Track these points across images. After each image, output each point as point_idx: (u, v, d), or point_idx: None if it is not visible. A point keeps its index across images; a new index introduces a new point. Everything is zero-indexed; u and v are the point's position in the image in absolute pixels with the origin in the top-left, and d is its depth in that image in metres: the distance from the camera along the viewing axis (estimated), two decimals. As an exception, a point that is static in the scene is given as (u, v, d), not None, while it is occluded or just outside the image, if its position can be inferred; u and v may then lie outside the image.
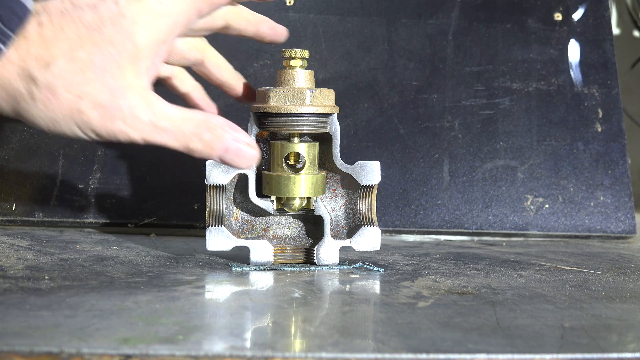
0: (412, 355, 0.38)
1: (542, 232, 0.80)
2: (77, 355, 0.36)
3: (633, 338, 0.43)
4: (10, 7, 0.45)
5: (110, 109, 0.46)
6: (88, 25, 0.47)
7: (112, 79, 0.47)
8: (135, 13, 0.47)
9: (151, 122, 0.47)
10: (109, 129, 0.47)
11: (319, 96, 0.57)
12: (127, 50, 0.47)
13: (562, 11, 0.87)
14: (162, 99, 0.48)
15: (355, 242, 0.60)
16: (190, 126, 0.48)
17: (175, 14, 0.49)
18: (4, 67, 0.45)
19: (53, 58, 0.46)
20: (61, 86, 0.46)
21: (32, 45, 0.46)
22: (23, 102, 0.46)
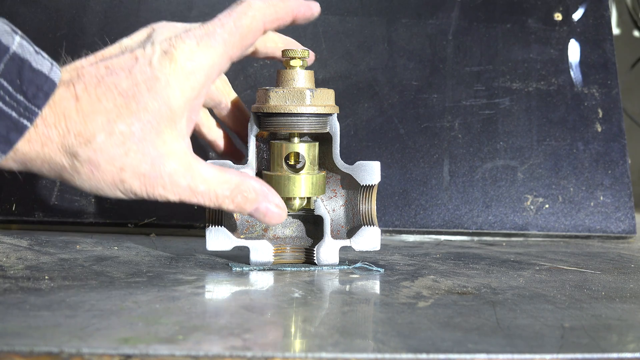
0: (412, 355, 0.38)
1: (542, 232, 0.80)
2: (77, 355, 0.36)
3: (633, 338, 0.43)
4: (36, 83, 0.45)
5: (151, 178, 0.48)
6: (124, 93, 0.47)
7: (152, 147, 0.48)
8: (169, 75, 0.48)
9: (189, 187, 0.49)
10: (149, 193, 0.49)
11: (319, 96, 0.57)
12: (164, 115, 0.48)
13: (562, 11, 0.87)
14: (199, 160, 0.50)
15: (355, 242, 0.60)
16: (225, 189, 0.51)
17: (208, 67, 0.49)
18: (45, 144, 0.46)
19: (93, 134, 0.46)
20: (103, 160, 0.47)
21: (71, 122, 0.46)
22: (66, 174, 0.48)
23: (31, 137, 0.46)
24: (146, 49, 0.49)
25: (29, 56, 0.45)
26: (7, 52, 0.44)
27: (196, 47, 0.49)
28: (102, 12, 0.83)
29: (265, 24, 0.52)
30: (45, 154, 0.47)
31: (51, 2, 0.83)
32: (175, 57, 0.48)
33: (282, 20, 0.53)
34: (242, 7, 0.52)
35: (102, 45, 0.52)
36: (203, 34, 0.50)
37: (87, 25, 0.82)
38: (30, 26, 0.82)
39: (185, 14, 0.83)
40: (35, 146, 0.46)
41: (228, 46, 0.50)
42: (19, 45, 0.45)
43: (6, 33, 0.45)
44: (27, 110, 0.45)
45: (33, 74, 0.45)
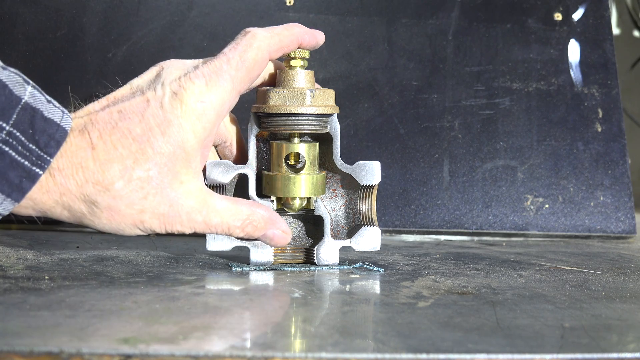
0: (412, 355, 0.38)
1: (542, 232, 0.80)
2: (77, 355, 0.36)
3: (633, 338, 0.43)
4: (48, 132, 0.46)
5: (169, 217, 0.50)
6: (139, 139, 0.48)
7: (170, 188, 0.50)
8: (180, 117, 0.49)
9: (204, 221, 0.52)
10: (167, 229, 0.51)
11: (319, 96, 0.57)
12: (179, 157, 0.49)
13: (562, 11, 0.87)
14: (212, 194, 0.52)
15: (355, 242, 0.60)
16: (236, 221, 0.53)
17: (218, 107, 0.51)
18: (63, 194, 0.47)
19: (111, 182, 0.48)
20: (123, 205, 0.48)
21: (88, 171, 0.47)
22: (87, 220, 0.49)
23: (49, 188, 0.47)
24: (157, 91, 0.50)
25: (40, 105, 0.46)
26: (19, 102, 0.45)
27: (205, 87, 0.50)
28: (102, 12, 0.83)
29: (270, 53, 0.54)
30: (64, 202, 0.48)
31: (51, 2, 0.83)
32: (185, 99, 0.49)
33: (286, 48, 0.55)
34: (247, 39, 0.53)
35: (113, 87, 0.53)
36: (211, 72, 0.51)
37: (87, 25, 0.82)
38: (30, 26, 0.82)
39: (185, 14, 0.83)
40: (54, 196, 0.47)
41: (236, 82, 0.51)
42: (30, 95, 0.46)
43: (18, 84, 0.46)
44: (39, 159, 0.46)
45: (45, 123, 0.46)
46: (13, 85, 0.45)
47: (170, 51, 0.82)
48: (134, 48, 0.82)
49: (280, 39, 0.54)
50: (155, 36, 0.83)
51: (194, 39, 0.83)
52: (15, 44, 0.82)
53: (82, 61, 0.82)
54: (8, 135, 0.45)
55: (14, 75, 0.46)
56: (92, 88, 0.81)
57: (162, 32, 0.83)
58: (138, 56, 0.82)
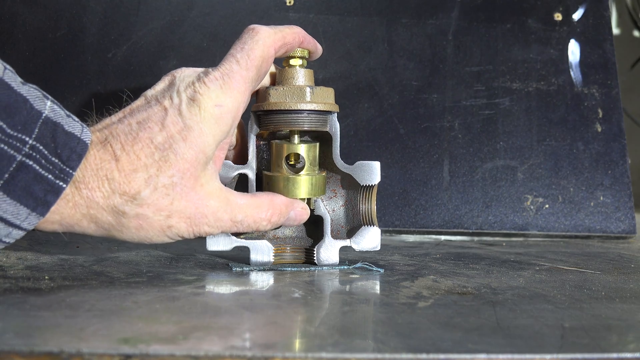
0: (412, 355, 0.38)
1: (542, 232, 0.80)
2: (77, 355, 0.36)
3: (633, 338, 0.43)
4: (70, 146, 0.46)
5: (196, 219, 0.51)
6: (161, 147, 0.49)
7: (194, 191, 0.50)
8: (200, 123, 0.50)
9: (230, 219, 0.52)
10: (195, 232, 0.52)
11: (319, 93, 0.57)
12: (200, 161, 0.50)
13: (562, 11, 0.87)
14: (232, 191, 0.53)
15: (356, 242, 0.60)
16: (260, 213, 0.54)
17: (234, 109, 0.51)
18: (90, 207, 0.48)
19: (138, 191, 0.48)
20: (150, 212, 0.49)
21: (114, 183, 0.48)
22: (115, 231, 0.50)
23: (76, 202, 0.47)
24: (173, 99, 0.50)
25: (60, 119, 0.47)
26: (40, 116, 0.46)
27: (220, 90, 0.51)
28: (102, 12, 0.83)
29: (275, 49, 0.54)
30: (91, 215, 0.48)
31: (51, 2, 0.83)
32: (203, 104, 0.50)
33: (289, 45, 0.56)
34: (251, 36, 0.53)
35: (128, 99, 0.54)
36: (223, 74, 0.51)
37: (87, 25, 0.82)
38: (30, 26, 0.82)
39: (185, 14, 0.83)
40: (81, 209, 0.48)
41: (248, 82, 0.52)
42: (50, 110, 0.46)
43: (38, 98, 0.46)
44: (62, 173, 0.46)
45: (66, 137, 0.46)
46: (33, 100, 0.46)
47: (170, 51, 0.82)
48: (134, 48, 0.82)
49: (283, 35, 0.55)
50: (155, 36, 0.83)
51: (194, 39, 0.83)
52: (15, 44, 0.82)
53: (82, 61, 0.82)
54: (31, 149, 0.45)
55: (33, 90, 0.46)
56: (92, 88, 0.81)
57: (162, 32, 0.83)
58: (138, 56, 0.82)
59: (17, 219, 0.45)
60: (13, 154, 0.44)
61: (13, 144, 0.44)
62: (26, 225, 0.46)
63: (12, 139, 0.44)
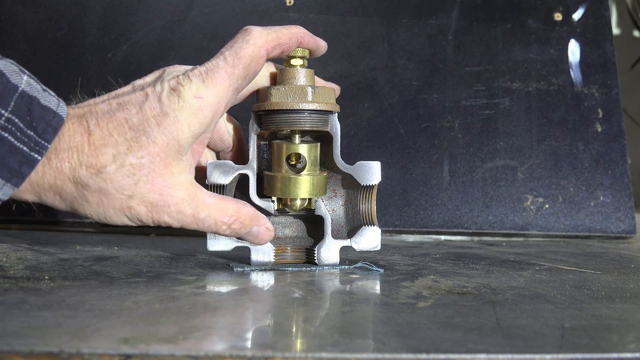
0: (412, 355, 0.38)
1: (542, 232, 0.80)
2: (77, 355, 0.36)
3: (633, 338, 0.43)
4: (45, 119, 0.47)
5: (158, 206, 0.51)
6: (135, 128, 0.50)
7: (161, 178, 0.50)
8: (177, 111, 0.50)
9: (192, 215, 0.52)
10: (155, 219, 0.52)
11: (320, 93, 0.57)
12: (172, 149, 0.50)
13: (562, 11, 0.87)
14: (202, 189, 0.53)
15: (356, 242, 0.60)
16: (223, 217, 0.53)
17: (215, 103, 0.52)
18: (57, 177, 0.49)
19: (103, 165, 0.49)
20: (112, 189, 0.49)
21: (83, 155, 0.49)
22: (76, 204, 0.50)
23: (45, 172, 0.48)
24: (156, 87, 0.51)
25: (37, 94, 0.48)
26: (16, 90, 0.47)
27: (202, 84, 0.51)
28: (102, 12, 0.83)
29: (267, 50, 0.54)
30: (57, 186, 0.49)
31: (51, 2, 0.83)
32: (182, 94, 0.51)
33: (285, 46, 0.56)
34: (243, 36, 0.54)
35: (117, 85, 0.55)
36: (208, 69, 0.52)
37: (87, 25, 0.82)
38: (30, 26, 0.82)
39: (185, 14, 0.83)
40: (49, 179, 0.49)
41: (233, 79, 0.52)
42: (27, 84, 0.47)
43: (15, 73, 0.47)
44: (37, 145, 0.47)
45: (42, 110, 0.47)
46: (10, 74, 0.47)
47: (170, 51, 0.82)
48: (134, 48, 0.82)
49: (277, 35, 0.55)
50: (155, 36, 0.83)
51: (194, 39, 0.83)
52: (15, 44, 0.82)
53: (82, 61, 0.82)
54: (7, 121, 0.46)
55: (10, 65, 0.47)
56: (92, 88, 0.81)
57: (162, 32, 0.83)
58: (138, 56, 0.82)
59: None
60: None
61: None
62: (0, 195, 0.47)
63: None
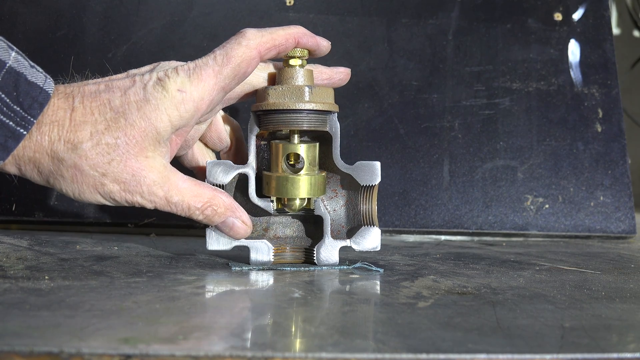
0: (412, 355, 0.38)
1: (542, 232, 0.80)
2: (77, 355, 0.36)
3: (633, 338, 0.43)
4: (31, 95, 0.49)
5: (130, 185, 0.52)
6: (116, 109, 0.51)
7: (135, 159, 0.52)
8: (159, 100, 0.52)
9: (165, 197, 0.53)
10: (128, 200, 0.53)
11: (317, 93, 0.57)
12: (149, 134, 0.52)
13: (562, 11, 0.87)
14: (177, 173, 0.54)
15: (356, 242, 0.60)
16: (196, 202, 0.54)
17: (198, 99, 0.53)
18: (37, 150, 0.50)
19: (80, 141, 0.50)
20: (86, 165, 0.51)
21: (63, 130, 0.50)
22: (52, 178, 0.52)
23: (26, 144, 0.50)
24: (144, 76, 0.53)
25: (24, 70, 0.49)
26: (4, 66, 0.48)
27: (187, 79, 0.52)
28: (102, 12, 0.83)
29: (260, 52, 0.54)
30: (36, 159, 0.50)
31: (51, 2, 0.83)
32: (167, 85, 0.52)
33: (281, 47, 0.56)
34: (236, 37, 0.54)
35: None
36: (196, 66, 0.53)
37: (87, 25, 0.82)
38: (30, 26, 0.82)
39: (185, 14, 0.83)
40: (28, 152, 0.50)
41: (220, 78, 0.53)
42: (14, 60, 0.49)
43: (2, 49, 0.49)
44: (23, 120, 0.48)
45: (28, 86, 0.49)
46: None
47: (170, 51, 0.82)
48: (134, 48, 0.82)
49: (272, 37, 0.55)
50: (155, 36, 0.83)
51: (194, 39, 0.83)
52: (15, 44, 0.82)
53: (82, 61, 0.82)
54: None
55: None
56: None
57: (162, 32, 0.83)
58: (138, 56, 0.82)
59: None
60: None
61: None
62: None
63: None
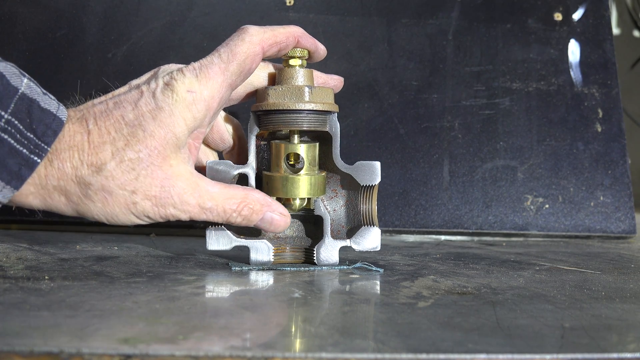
0: (412, 355, 0.38)
1: (542, 232, 0.80)
2: (77, 355, 0.36)
3: (633, 338, 0.43)
4: (45, 122, 0.48)
5: (162, 199, 0.51)
6: (131, 123, 0.50)
7: (160, 170, 0.51)
8: (171, 105, 0.51)
9: (198, 204, 0.52)
10: (162, 214, 0.52)
11: (317, 93, 0.57)
12: (169, 142, 0.51)
13: (562, 11, 0.87)
14: (205, 178, 0.53)
15: (356, 242, 0.60)
16: (231, 204, 0.54)
17: (208, 98, 0.52)
18: (60, 178, 0.49)
19: (103, 162, 0.49)
20: (115, 185, 0.50)
21: (83, 154, 0.49)
22: (82, 205, 0.50)
23: (48, 173, 0.49)
24: (150, 84, 0.52)
25: (37, 96, 0.48)
26: (16, 93, 0.47)
27: (195, 79, 0.52)
28: (102, 12, 0.83)
29: (263, 48, 0.55)
30: (61, 187, 0.49)
31: (51, 2, 0.83)
32: (176, 88, 0.51)
33: (282, 44, 0.56)
34: (238, 33, 0.54)
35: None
36: (202, 65, 0.53)
37: (87, 25, 0.82)
38: (30, 26, 0.82)
39: (185, 14, 0.83)
40: (52, 181, 0.49)
41: (227, 75, 0.53)
42: (27, 87, 0.48)
43: (15, 75, 0.47)
44: (37, 148, 0.47)
45: (42, 113, 0.48)
46: (10, 76, 0.47)
47: (170, 51, 0.82)
48: (134, 48, 0.82)
49: (274, 34, 0.55)
50: (155, 36, 0.83)
51: (194, 39, 0.83)
52: (15, 44, 0.82)
53: (82, 61, 0.82)
54: (7, 123, 0.46)
55: (10, 67, 0.47)
56: (92, 88, 0.81)
57: (162, 32, 0.83)
58: (138, 56, 0.82)
59: None
60: None
61: None
62: (0, 197, 0.47)
63: None
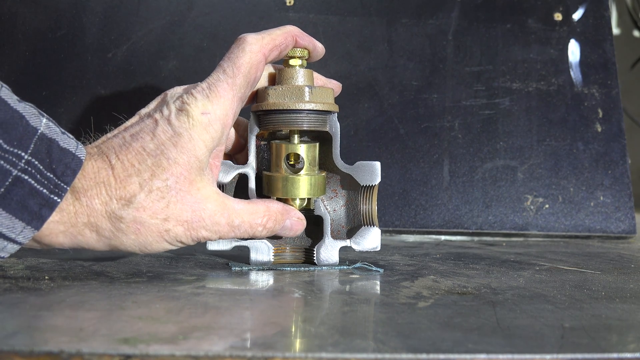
0: (412, 355, 0.38)
1: (542, 232, 0.80)
2: (77, 355, 0.36)
3: (633, 338, 0.43)
4: (64, 162, 0.48)
5: (193, 222, 0.51)
6: (153, 154, 0.50)
7: (189, 195, 0.51)
8: (189, 129, 0.51)
9: (227, 224, 0.53)
10: (194, 237, 0.52)
11: (317, 93, 0.57)
12: (193, 165, 0.51)
13: (562, 11, 0.87)
14: (230, 197, 0.54)
15: (356, 242, 0.60)
16: (256, 219, 0.55)
17: (222, 116, 0.53)
18: (90, 214, 0.49)
19: (133, 195, 0.49)
20: (146, 215, 0.50)
21: (111, 189, 0.49)
22: (114, 239, 0.50)
23: (77, 210, 0.49)
24: (163, 112, 0.52)
25: (55, 136, 0.48)
26: (36, 133, 0.47)
27: (207, 100, 0.52)
28: (102, 12, 0.83)
29: (265, 54, 0.55)
30: (92, 223, 0.49)
31: (51, 2, 0.83)
32: (190, 112, 0.52)
33: (281, 46, 0.56)
34: (238, 44, 0.54)
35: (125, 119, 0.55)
36: (210, 85, 0.53)
37: (87, 25, 0.82)
38: (30, 26, 0.82)
39: (185, 14, 0.83)
40: (82, 218, 0.49)
41: (235, 89, 0.53)
42: (46, 127, 0.48)
43: (34, 115, 0.47)
44: (57, 187, 0.47)
45: (61, 152, 0.48)
46: (29, 117, 0.47)
47: (170, 51, 0.82)
48: (134, 48, 0.82)
49: (272, 37, 0.55)
50: (155, 36, 0.83)
51: (194, 39, 0.83)
52: (15, 44, 0.82)
53: (82, 61, 0.82)
54: (27, 164, 0.46)
55: (29, 108, 0.47)
56: (92, 88, 0.81)
57: (162, 32, 0.83)
58: (138, 56, 0.82)
59: (13, 232, 0.46)
60: (9, 169, 0.45)
61: (9, 158, 0.45)
62: (21, 238, 0.47)
63: (9, 154, 0.45)
